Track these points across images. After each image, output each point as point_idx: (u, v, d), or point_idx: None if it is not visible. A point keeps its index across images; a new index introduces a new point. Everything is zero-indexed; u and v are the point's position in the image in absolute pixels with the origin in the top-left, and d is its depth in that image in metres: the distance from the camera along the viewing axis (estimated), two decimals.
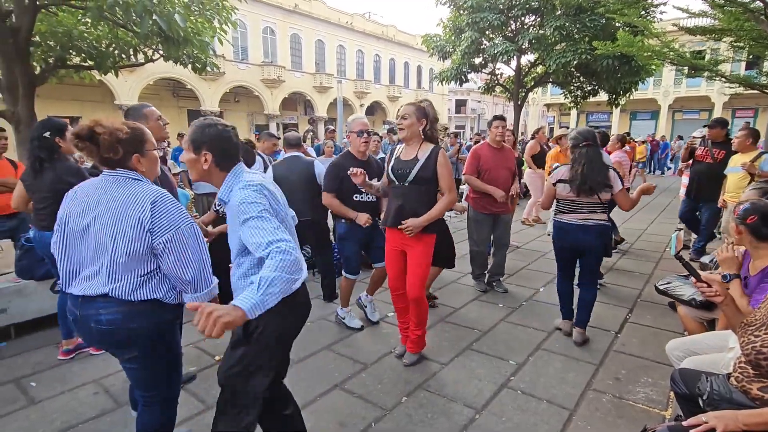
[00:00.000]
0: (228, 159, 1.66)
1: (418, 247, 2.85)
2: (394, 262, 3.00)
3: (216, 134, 1.63)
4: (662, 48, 9.98)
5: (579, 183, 3.05)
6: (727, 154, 5.04)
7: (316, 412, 2.51)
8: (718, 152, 5.16)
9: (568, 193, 3.14)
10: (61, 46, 5.84)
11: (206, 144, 1.62)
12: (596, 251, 3.23)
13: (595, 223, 3.14)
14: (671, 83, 29.27)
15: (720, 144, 5.23)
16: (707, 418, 1.50)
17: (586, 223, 3.15)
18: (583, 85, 15.35)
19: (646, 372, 2.94)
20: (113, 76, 6.82)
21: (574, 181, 3.07)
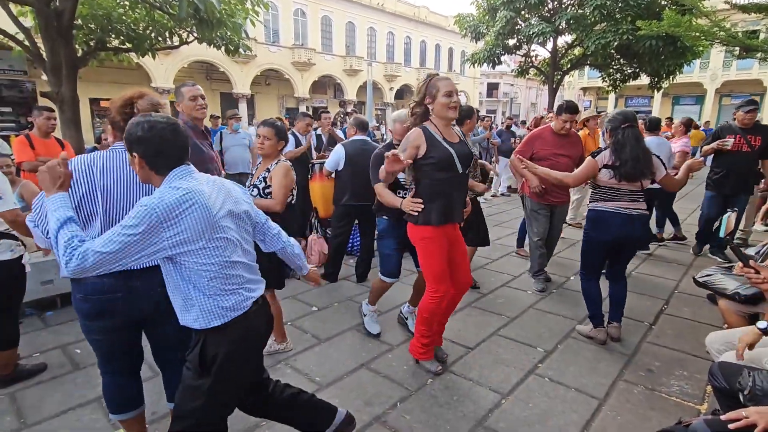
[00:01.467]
0: (162, 162, 1.46)
1: (460, 236, 2.74)
2: (444, 259, 2.60)
3: (142, 134, 1.42)
4: (712, 27, 9.38)
5: (627, 168, 2.79)
6: (764, 139, 4.56)
7: (342, 390, 2.56)
8: (754, 138, 4.60)
9: (610, 179, 2.90)
10: (101, 29, 6.01)
11: (134, 144, 1.44)
12: (636, 243, 3.08)
13: (640, 212, 2.92)
14: (719, 66, 27.62)
15: (753, 129, 4.64)
16: (748, 413, 1.44)
17: (630, 212, 2.89)
18: (623, 67, 14.69)
19: (682, 365, 2.84)
20: (150, 59, 7.00)
21: (621, 167, 2.81)
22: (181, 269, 1.45)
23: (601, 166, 2.93)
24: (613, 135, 2.91)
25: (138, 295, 1.72)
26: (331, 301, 3.82)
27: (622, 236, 2.93)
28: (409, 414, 2.35)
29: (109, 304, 1.69)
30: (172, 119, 1.51)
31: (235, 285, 1.52)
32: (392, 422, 2.29)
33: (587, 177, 3.04)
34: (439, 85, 2.43)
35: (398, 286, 4.20)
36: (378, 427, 2.25)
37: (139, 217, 1.33)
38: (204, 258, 1.44)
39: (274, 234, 1.87)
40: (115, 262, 1.32)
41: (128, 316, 1.75)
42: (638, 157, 2.79)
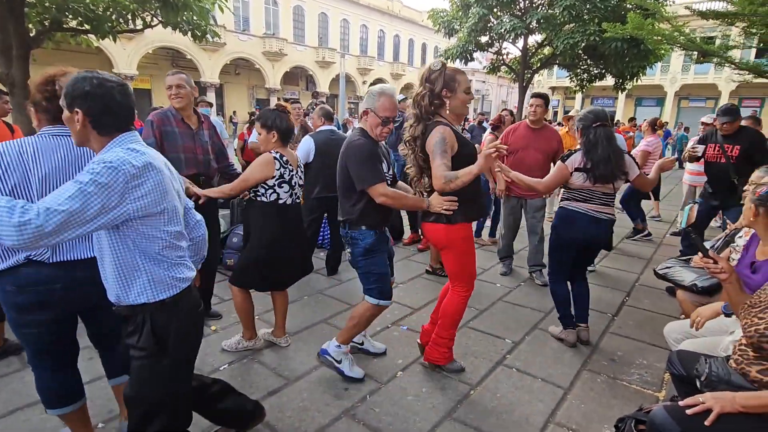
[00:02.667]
0: (109, 122, 1.35)
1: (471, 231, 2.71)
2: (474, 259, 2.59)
3: (90, 89, 1.30)
4: (673, 32, 9.77)
5: (600, 170, 2.69)
6: (743, 149, 4.07)
7: (311, 383, 2.52)
8: (732, 148, 4.14)
9: (584, 183, 2.78)
10: (57, 8, 5.67)
11: (77, 100, 1.31)
12: (601, 245, 3.04)
13: (607, 217, 2.84)
14: (679, 70, 28.89)
15: (733, 138, 4.16)
16: (704, 398, 1.50)
17: (598, 215, 2.81)
18: (590, 68, 15.11)
19: (642, 354, 2.95)
20: (111, 44, 6.69)
21: (593, 169, 2.70)
22: (130, 238, 1.35)
23: (572, 170, 2.82)
24: (584, 134, 2.80)
25: (80, 285, 1.65)
26: (300, 294, 3.75)
27: (588, 237, 2.87)
28: (378, 407, 2.33)
29: (47, 296, 1.60)
30: (121, 80, 1.43)
31: (184, 257, 1.50)
32: (361, 415, 2.26)
33: (558, 183, 2.91)
34: (460, 79, 2.32)
35: None
36: (347, 421, 2.22)
37: (102, 173, 1.21)
38: (160, 225, 1.38)
39: (197, 220, 1.78)
40: (77, 226, 1.18)
41: (67, 307, 1.67)
42: (609, 157, 2.68)
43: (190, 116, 2.94)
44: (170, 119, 2.86)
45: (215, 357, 2.76)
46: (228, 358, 2.75)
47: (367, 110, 2.37)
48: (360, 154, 2.29)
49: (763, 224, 2.02)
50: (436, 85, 2.30)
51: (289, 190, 2.63)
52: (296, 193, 2.70)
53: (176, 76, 2.87)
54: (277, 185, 2.59)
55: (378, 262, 2.46)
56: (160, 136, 2.82)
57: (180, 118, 2.89)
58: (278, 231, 2.65)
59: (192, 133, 2.92)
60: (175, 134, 2.86)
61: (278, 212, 2.64)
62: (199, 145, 2.94)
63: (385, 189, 2.28)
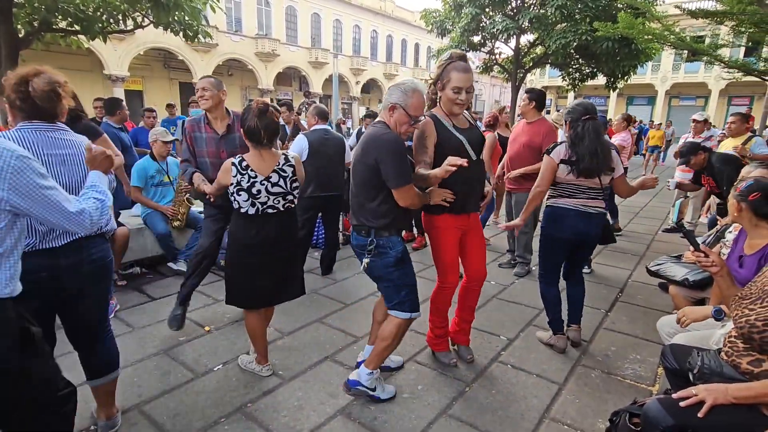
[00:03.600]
0: None
1: (479, 225, 2.65)
2: (456, 250, 2.54)
3: None
4: (663, 31, 9.88)
5: (586, 163, 2.59)
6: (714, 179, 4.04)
7: (306, 382, 2.51)
8: (706, 178, 4.13)
9: (567, 176, 2.69)
10: (46, 8, 5.61)
11: None
12: (594, 242, 2.90)
13: (597, 211, 2.74)
14: (669, 69, 29.18)
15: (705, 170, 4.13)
16: (697, 390, 1.52)
17: (587, 210, 2.71)
18: (581, 67, 15.22)
19: (635, 349, 2.97)
20: (102, 45, 6.64)
21: (578, 162, 2.61)
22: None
23: (558, 161, 2.73)
24: (572, 127, 2.70)
25: (64, 272, 1.70)
26: None
27: (580, 234, 2.76)
28: (373, 405, 2.32)
29: (33, 286, 1.58)
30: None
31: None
32: (357, 414, 2.26)
33: (551, 177, 2.77)
34: (453, 76, 2.28)
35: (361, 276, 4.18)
36: (342, 419, 2.21)
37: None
38: None
39: None
40: None
41: (51, 296, 1.71)
42: (596, 151, 2.58)
43: (218, 120, 2.95)
44: (200, 124, 2.95)
45: (209, 358, 2.74)
46: (222, 358, 2.73)
47: (396, 105, 2.13)
48: (396, 148, 2.08)
49: (747, 218, 2.05)
50: (435, 76, 2.36)
51: (249, 198, 2.26)
52: (263, 203, 2.30)
53: (204, 80, 2.93)
54: (235, 193, 2.27)
55: (410, 271, 2.27)
56: (191, 141, 2.96)
57: (207, 122, 2.94)
58: (243, 241, 2.35)
59: (217, 137, 2.93)
60: (202, 139, 2.94)
61: (242, 222, 2.34)
62: (224, 149, 2.91)
63: (415, 189, 2.16)
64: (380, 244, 2.17)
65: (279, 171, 2.33)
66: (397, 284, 2.21)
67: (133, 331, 3.06)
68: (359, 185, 2.19)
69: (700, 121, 5.87)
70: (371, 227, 2.17)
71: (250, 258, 2.36)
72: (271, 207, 2.33)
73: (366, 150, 2.12)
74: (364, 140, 2.17)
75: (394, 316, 2.24)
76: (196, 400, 2.33)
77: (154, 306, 3.47)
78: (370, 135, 2.15)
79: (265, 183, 2.28)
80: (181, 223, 4.16)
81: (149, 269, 4.19)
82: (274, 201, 2.33)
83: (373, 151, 2.09)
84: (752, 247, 2.10)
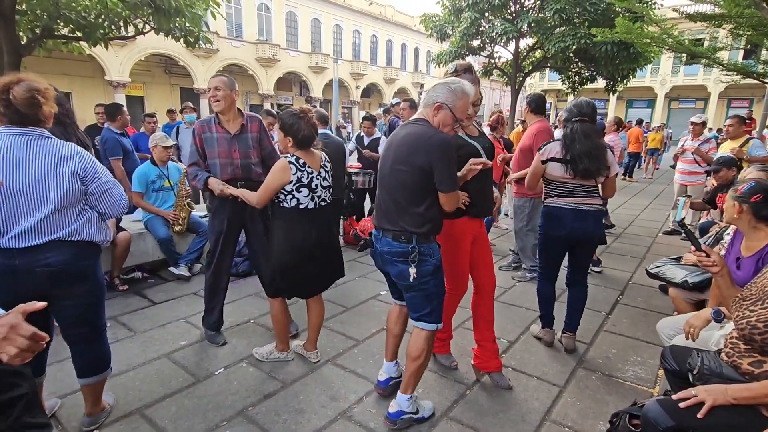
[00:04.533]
0: None
1: (485, 231, 2.61)
2: (468, 257, 2.49)
3: None
4: (661, 35, 9.91)
5: (585, 165, 2.60)
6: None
7: (307, 386, 2.51)
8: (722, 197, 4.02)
9: (563, 175, 2.70)
10: (48, 15, 5.66)
11: None
12: (593, 241, 2.88)
13: (594, 207, 2.73)
14: (668, 72, 29.24)
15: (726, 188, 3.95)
16: (697, 391, 1.52)
17: (582, 208, 2.71)
18: (581, 70, 15.24)
19: (636, 351, 2.97)
20: (103, 51, 6.69)
21: (575, 163, 2.62)
22: None
23: (546, 158, 2.73)
24: (564, 127, 2.76)
25: (19, 273, 1.76)
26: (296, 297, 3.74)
27: (577, 232, 2.75)
28: (374, 408, 2.33)
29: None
30: None
31: None
32: (358, 416, 2.26)
33: (536, 174, 2.82)
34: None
35: (362, 280, 4.18)
36: (343, 422, 2.22)
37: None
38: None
39: None
40: None
41: (14, 294, 1.73)
42: (590, 153, 2.61)
43: (231, 120, 2.85)
44: (210, 125, 2.85)
45: (210, 361, 2.75)
46: (223, 362, 2.74)
47: (442, 105, 2.00)
48: (451, 150, 1.96)
49: (746, 220, 2.06)
50: None
51: (309, 193, 2.46)
52: (319, 196, 2.51)
53: (216, 78, 2.82)
54: (296, 190, 2.42)
55: (443, 279, 2.17)
56: (201, 142, 2.86)
57: (218, 122, 2.85)
58: (300, 236, 2.49)
59: (229, 137, 2.83)
60: (213, 140, 2.83)
61: (300, 217, 2.48)
62: (236, 149, 2.84)
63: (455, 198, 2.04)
64: (422, 251, 2.03)
65: (324, 166, 2.57)
66: (430, 293, 2.09)
67: (135, 335, 3.07)
68: (401, 188, 2.01)
69: (698, 124, 5.89)
70: (413, 233, 2.01)
71: (305, 252, 2.50)
72: (324, 200, 2.56)
73: (415, 151, 1.95)
74: (408, 140, 1.99)
75: (421, 328, 2.12)
76: (197, 403, 2.33)
77: (155, 310, 3.48)
78: (418, 135, 1.97)
79: (318, 178, 2.50)
80: (182, 228, 4.18)
81: (150, 274, 4.20)
82: (324, 194, 2.56)
83: (424, 152, 1.93)
84: (750, 249, 2.10)
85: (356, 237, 5.24)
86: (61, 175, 1.79)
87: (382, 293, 3.87)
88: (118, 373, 2.56)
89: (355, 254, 5.00)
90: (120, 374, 2.56)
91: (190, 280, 4.06)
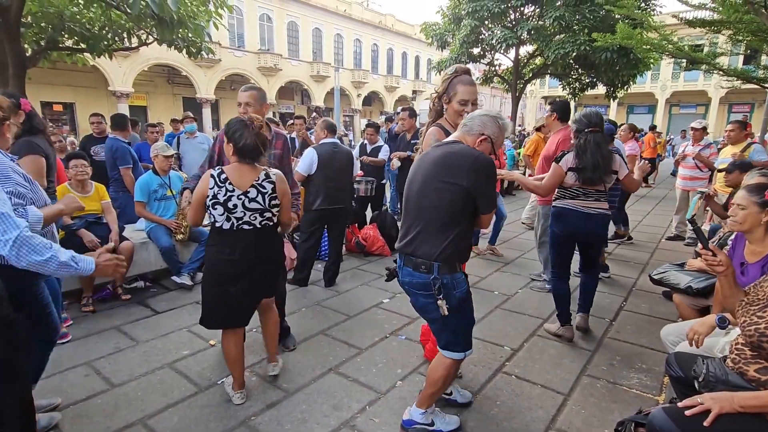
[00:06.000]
0: None
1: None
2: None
3: None
4: (661, 41, 9.96)
5: (588, 173, 2.84)
6: None
7: (310, 395, 2.50)
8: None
9: (575, 182, 2.95)
10: (53, 27, 5.73)
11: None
12: (599, 241, 3.17)
13: (598, 211, 2.98)
14: (669, 77, 29.31)
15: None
16: (703, 399, 1.50)
17: (589, 210, 2.97)
18: (581, 77, 15.33)
19: (640, 358, 2.95)
20: (107, 62, 6.79)
21: (582, 171, 2.86)
22: None
23: (566, 169, 2.94)
24: (577, 137, 2.95)
25: None
26: (298, 306, 3.74)
27: (584, 232, 3.01)
28: (378, 417, 2.31)
29: None
30: None
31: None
32: (361, 426, 2.24)
33: (555, 184, 3.00)
34: (459, 89, 2.30)
35: (365, 288, 4.18)
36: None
37: None
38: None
39: None
40: None
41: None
42: (598, 163, 2.82)
43: None
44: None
45: (212, 371, 2.74)
46: (226, 371, 2.72)
47: (487, 137, 1.93)
48: (495, 172, 1.90)
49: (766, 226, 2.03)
50: (442, 89, 2.39)
51: (225, 212, 2.19)
52: (239, 218, 2.22)
53: (246, 93, 2.73)
54: (211, 206, 2.20)
55: (471, 308, 2.04)
56: (221, 150, 2.71)
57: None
58: (214, 257, 2.28)
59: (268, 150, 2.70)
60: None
61: (217, 238, 2.27)
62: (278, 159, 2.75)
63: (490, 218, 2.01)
64: (445, 283, 1.88)
65: (258, 186, 2.24)
66: (456, 328, 1.98)
67: (137, 345, 3.06)
68: (433, 210, 1.87)
69: (698, 129, 5.89)
70: (435, 262, 1.86)
71: (225, 275, 2.26)
72: (247, 223, 2.24)
73: (459, 170, 1.83)
74: (448, 160, 1.86)
75: (447, 357, 2.02)
76: (200, 413, 2.32)
77: (158, 320, 3.48)
78: (462, 154, 1.86)
79: (242, 198, 2.21)
80: (185, 237, 4.19)
81: (153, 283, 4.20)
82: (250, 217, 2.24)
83: (471, 171, 1.81)
84: (755, 254, 2.09)
85: (358, 245, 5.24)
86: None
87: (384, 301, 3.86)
88: (121, 383, 2.56)
89: (358, 262, 5.00)
90: (122, 384, 2.56)
91: (192, 289, 4.05)
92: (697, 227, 1.95)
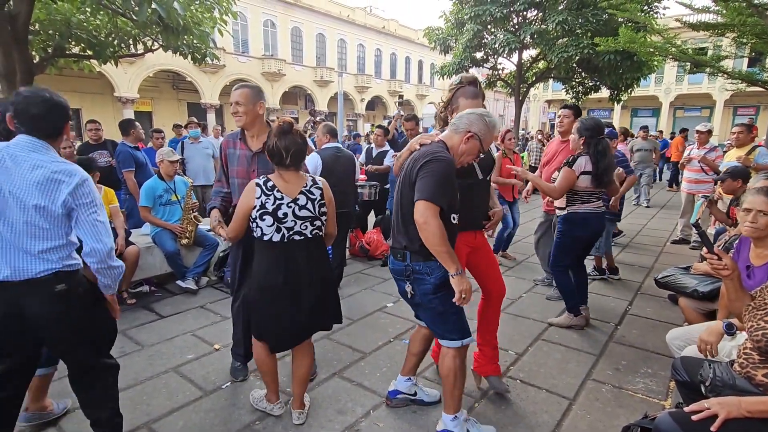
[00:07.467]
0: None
1: (486, 243, 2.55)
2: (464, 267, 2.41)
3: None
4: (664, 44, 9.94)
5: (607, 177, 3.16)
6: None
7: (315, 399, 2.50)
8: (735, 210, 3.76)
9: (588, 186, 3.18)
10: (60, 35, 5.79)
11: None
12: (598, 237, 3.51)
13: (603, 210, 3.35)
14: (673, 80, 29.20)
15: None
16: (710, 404, 1.49)
17: (600, 211, 3.31)
18: (584, 80, 15.30)
19: (646, 363, 2.93)
20: (113, 68, 6.82)
21: (602, 175, 3.13)
22: None
23: (579, 173, 3.15)
24: (590, 144, 3.16)
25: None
26: None
27: (597, 232, 3.37)
28: (381, 422, 2.31)
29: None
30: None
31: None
32: (365, 430, 2.24)
33: (568, 187, 3.18)
34: (460, 102, 2.31)
35: (369, 292, 4.18)
36: None
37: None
38: None
39: None
40: None
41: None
42: (612, 165, 3.22)
43: (255, 136, 2.53)
44: (236, 141, 2.60)
45: (217, 375, 2.75)
46: (230, 376, 2.73)
47: (474, 135, 2.00)
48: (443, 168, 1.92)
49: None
50: (447, 100, 2.41)
51: (274, 223, 2.06)
52: (289, 228, 2.09)
53: (237, 92, 2.47)
54: (258, 217, 2.07)
55: (450, 294, 1.98)
56: (225, 159, 2.63)
57: (242, 137, 2.58)
58: (264, 272, 2.13)
59: (250, 155, 2.52)
60: (235, 156, 2.57)
61: (266, 254, 2.13)
62: (255, 169, 2.49)
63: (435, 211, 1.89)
64: (416, 270, 2.00)
65: (306, 193, 2.13)
66: (440, 311, 2.03)
67: (143, 349, 3.08)
68: (404, 205, 2.01)
69: (704, 132, 5.87)
70: (407, 250, 2.00)
71: (275, 294, 2.11)
72: (298, 233, 2.11)
73: (414, 165, 1.97)
74: (415, 156, 2.01)
75: (447, 346, 2.07)
76: (204, 418, 2.33)
77: (162, 324, 3.49)
78: (424, 151, 1.98)
79: (292, 205, 2.08)
80: (190, 241, 4.21)
81: (158, 287, 4.22)
82: (301, 226, 2.11)
83: (419, 166, 1.93)
84: (762, 257, 2.08)
85: (362, 249, 5.24)
86: None
87: (388, 305, 3.86)
88: (126, 387, 2.57)
89: (361, 266, 5.00)
90: (128, 388, 2.57)
91: (197, 293, 4.07)
92: (701, 231, 1.94)
